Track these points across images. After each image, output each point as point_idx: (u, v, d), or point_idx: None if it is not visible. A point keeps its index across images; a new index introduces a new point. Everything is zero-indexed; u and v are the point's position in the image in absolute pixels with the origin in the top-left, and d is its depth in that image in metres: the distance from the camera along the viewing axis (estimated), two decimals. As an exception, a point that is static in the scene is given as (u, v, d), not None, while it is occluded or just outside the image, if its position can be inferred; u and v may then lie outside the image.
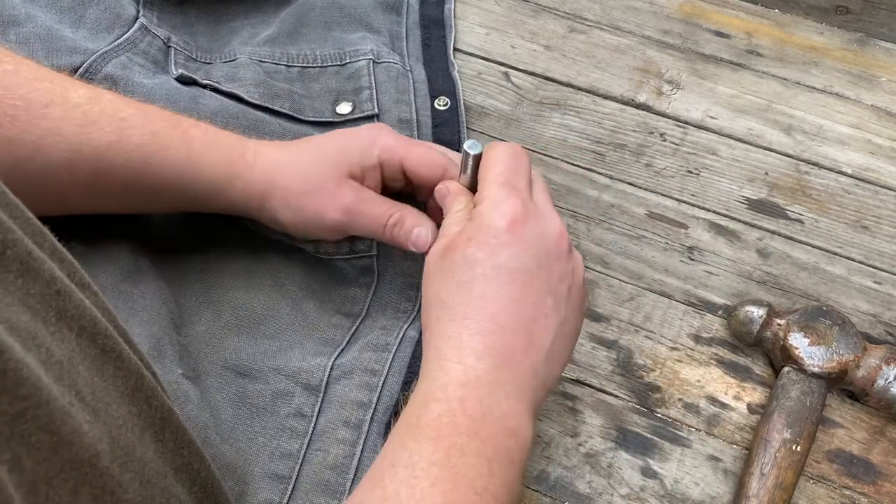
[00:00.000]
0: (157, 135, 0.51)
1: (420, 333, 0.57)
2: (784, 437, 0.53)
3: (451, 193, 0.51)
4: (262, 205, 0.54)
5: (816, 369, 0.55)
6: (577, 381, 0.58)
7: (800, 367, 0.56)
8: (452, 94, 0.71)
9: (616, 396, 0.58)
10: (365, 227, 0.54)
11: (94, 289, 0.36)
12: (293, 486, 0.51)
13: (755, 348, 0.59)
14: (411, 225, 0.53)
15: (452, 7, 0.79)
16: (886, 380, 0.54)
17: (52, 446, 0.28)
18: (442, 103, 0.70)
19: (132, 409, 0.35)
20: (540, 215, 0.47)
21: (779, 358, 0.57)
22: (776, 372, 0.58)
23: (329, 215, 0.53)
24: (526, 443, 0.43)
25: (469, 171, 0.51)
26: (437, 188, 0.52)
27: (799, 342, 0.56)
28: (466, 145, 0.50)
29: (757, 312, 0.58)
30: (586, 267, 0.63)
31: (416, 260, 0.60)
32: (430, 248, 0.50)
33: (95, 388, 0.32)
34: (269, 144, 0.56)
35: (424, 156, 0.54)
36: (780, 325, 0.57)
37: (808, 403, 0.54)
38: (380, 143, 0.53)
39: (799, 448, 0.53)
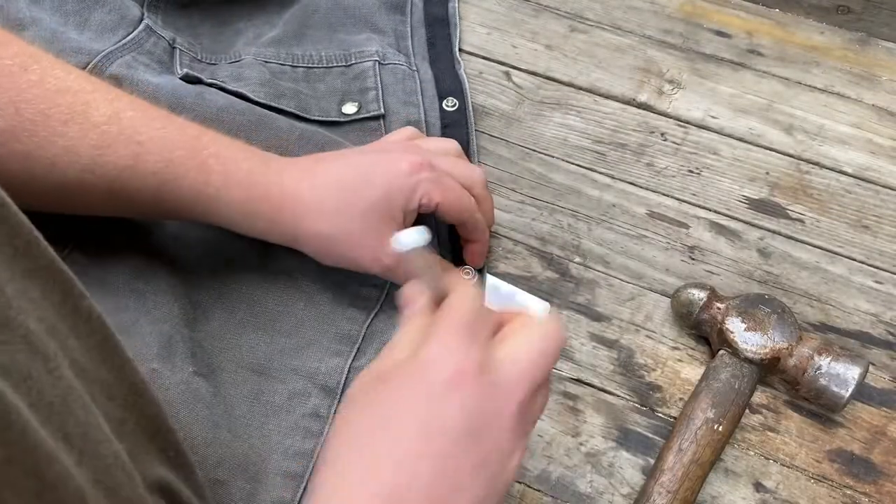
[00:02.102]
0: (173, 163, 0.50)
1: None
2: (707, 416, 0.54)
3: (410, 307, 0.42)
4: (294, 243, 0.55)
5: (750, 354, 0.56)
6: (578, 381, 0.59)
7: (734, 351, 0.56)
8: (460, 94, 0.71)
9: (617, 396, 0.58)
10: (401, 279, 0.54)
11: (97, 316, 0.36)
12: (306, 485, 0.51)
13: (694, 330, 0.60)
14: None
15: (457, 5, 0.79)
16: (816, 370, 0.55)
17: (38, 491, 0.28)
18: (450, 104, 0.70)
19: (123, 447, 0.35)
20: (497, 381, 0.39)
21: (716, 341, 0.58)
22: (713, 354, 0.59)
23: (371, 269, 0.55)
24: None
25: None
26: (403, 293, 0.43)
27: (735, 327, 0.56)
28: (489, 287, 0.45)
29: (697, 295, 0.59)
30: (588, 267, 0.64)
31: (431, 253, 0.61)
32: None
33: (87, 427, 0.32)
34: (297, 169, 0.54)
35: (457, 203, 0.55)
36: (719, 308, 0.58)
37: (736, 387, 0.55)
38: (421, 190, 0.54)
39: (721, 428, 0.54)
